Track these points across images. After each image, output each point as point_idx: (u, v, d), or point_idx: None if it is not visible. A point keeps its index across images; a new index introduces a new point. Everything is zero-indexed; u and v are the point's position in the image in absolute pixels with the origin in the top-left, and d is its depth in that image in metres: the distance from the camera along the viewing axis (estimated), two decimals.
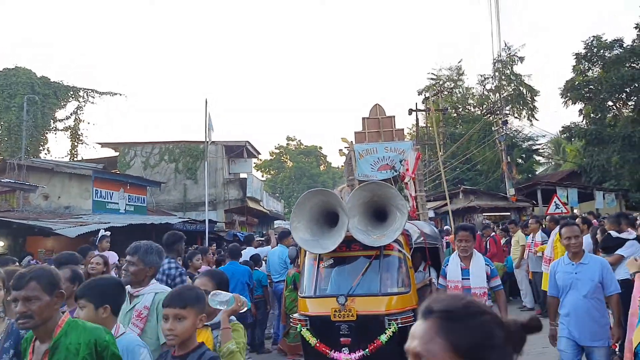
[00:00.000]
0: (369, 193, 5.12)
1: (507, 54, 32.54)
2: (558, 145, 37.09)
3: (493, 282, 4.97)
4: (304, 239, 5.13)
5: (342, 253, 5.21)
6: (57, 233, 11.79)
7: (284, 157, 57.87)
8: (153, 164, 23.94)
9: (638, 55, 24.37)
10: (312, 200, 5.14)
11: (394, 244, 5.05)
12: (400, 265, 5.10)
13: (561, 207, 16.33)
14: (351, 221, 4.97)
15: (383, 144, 13.93)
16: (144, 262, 3.48)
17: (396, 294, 4.93)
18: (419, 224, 6.31)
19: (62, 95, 25.80)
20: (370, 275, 4.99)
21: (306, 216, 5.15)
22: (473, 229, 5.22)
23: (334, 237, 4.97)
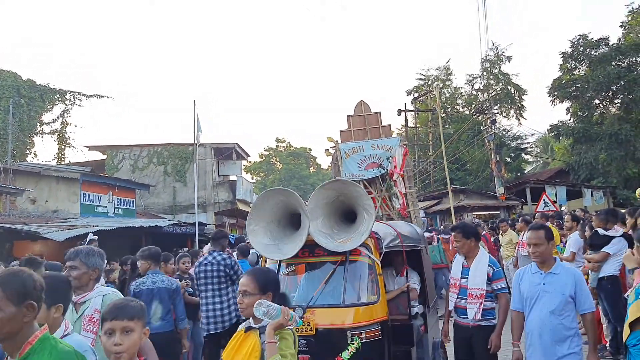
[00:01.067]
0: (334, 192, 4.69)
1: (495, 53, 32.74)
2: (546, 144, 37.38)
3: (495, 284, 4.75)
4: (262, 243, 4.67)
5: (305, 259, 4.74)
6: (45, 237, 11.66)
7: (273, 159, 57.79)
8: (141, 166, 23.78)
9: (624, 54, 24.61)
10: (272, 201, 4.71)
11: (361, 249, 4.58)
12: (367, 272, 4.60)
13: (550, 205, 16.47)
14: (313, 224, 4.55)
15: (369, 141, 13.59)
16: (86, 264, 3.34)
17: (362, 304, 4.41)
18: (397, 225, 5.85)
19: (49, 98, 25.53)
20: (334, 284, 4.49)
21: (265, 218, 4.72)
22: (464, 228, 5.01)
23: (295, 242, 4.54)
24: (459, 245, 4.89)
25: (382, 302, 4.47)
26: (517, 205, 23.17)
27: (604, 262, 6.45)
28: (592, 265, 6.54)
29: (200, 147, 22.66)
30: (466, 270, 4.83)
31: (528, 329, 3.95)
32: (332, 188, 4.69)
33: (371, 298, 4.50)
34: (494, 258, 5.03)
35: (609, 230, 6.55)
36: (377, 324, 4.31)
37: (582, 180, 24.64)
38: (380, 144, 13.48)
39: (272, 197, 4.71)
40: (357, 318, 4.30)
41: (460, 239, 4.86)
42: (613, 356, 6.48)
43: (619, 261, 6.41)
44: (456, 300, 4.82)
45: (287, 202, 4.66)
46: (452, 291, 4.91)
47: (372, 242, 4.66)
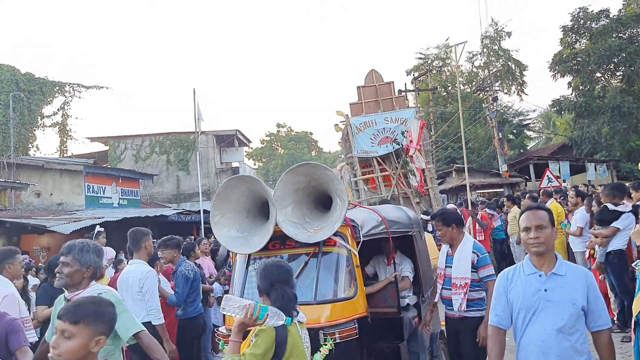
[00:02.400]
0: (304, 177, 4.27)
1: (495, 29, 32.44)
2: (548, 119, 37.17)
3: (482, 271, 4.46)
4: (229, 236, 4.27)
5: (276, 252, 4.31)
6: (52, 230, 11.72)
7: (275, 144, 57.65)
8: (144, 156, 23.81)
9: (624, 25, 24.37)
10: (237, 190, 4.32)
11: (336, 239, 4.15)
12: (342, 264, 4.19)
13: (554, 180, 16.44)
14: (282, 212, 4.17)
15: (382, 114, 12.62)
16: (79, 261, 3.15)
17: (336, 300, 4.02)
18: (383, 209, 5.41)
19: (48, 91, 25.47)
20: (305, 279, 4.10)
21: (232, 208, 4.33)
22: (443, 215, 4.74)
23: (263, 233, 4.17)
24: (440, 234, 4.68)
25: (359, 296, 4.09)
26: (520, 182, 23.14)
27: (612, 238, 6.45)
28: (601, 240, 6.53)
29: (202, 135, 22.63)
30: (450, 259, 4.60)
31: (522, 354, 2.80)
32: (301, 172, 4.29)
33: (347, 293, 4.12)
34: (479, 243, 4.79)
35: (618, 205, 6.54)
36: (353, 321, 3.93)
37: (585, 154, 24.56)
38: (394, 116, 12.48)
39: (236, 185, 4.31)
40: (330, 316, 3.91)
41: (441, 227, 4.64)
42: (621, 330, 6.51)
43: (626, 236, 6.42)
44: (441, 291, 4.63)
45: (255, 190, 4.28)
46: (438, 282, 4.70)
47: (349, 230, 4.24)
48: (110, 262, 8.39)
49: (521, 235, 2.85)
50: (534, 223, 2.78)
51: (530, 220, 2.81)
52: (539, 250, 2.77)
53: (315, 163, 4.40)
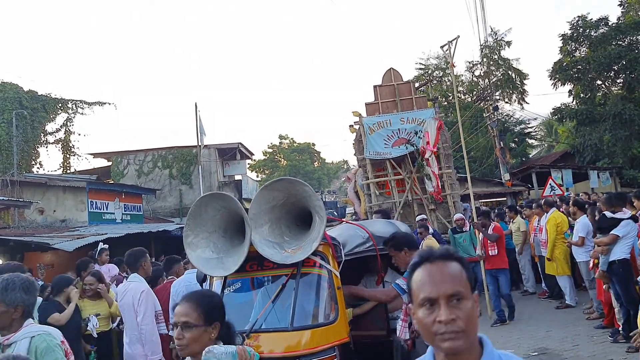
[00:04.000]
0: (281, 193, 4.01)
1: (494, 39, 32.56)
2: (550, 127, 37.17)
3: None
4: (202, 257, 4.00)
5: (253, 273, 4.06)
6: (55, 247, 11.73)
7: (277, 156, 57.75)
8: (147, 171, 23.88)
9: (624, 33, 24.41)
10: (211, 208, 4.04)
11: (315, 259, 3.88)
12: (322, 286, 3.91)
13: (556, 188, 16.42)
14: (258, 231, 3.93)
15: (398, 114, 11.84)
16: (4, 302, 2.80)
17: (314, 326, 3.73)
18: (372, 224, 5.12)
19: (51, 108, 25.61)
20: (282, 303, 3.82)
21: (207, 228, 4.08)
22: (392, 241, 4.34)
23: (238, 254, 3.91)
24: (395, 261, 4.36)
25: (341, 321, 3.80)
26: (523, 190, 23.08)
27: (614, 245, 6.45)
28: (602, 248, 6.53)
29: (204, 148, 22.74)
30: None
31: None
32: (277, 188, 4.03)
33: (327, 317, 3.83)
34: None
35: (617, 212, 6.55)
36: (333, 348, 3.67)
37: (587, 162, 24.52)
38: (411, 117, 11.65)
39: (210, 203, 4.04)
40: (308, 343, 3.63)
41: (393, 252, 4.31)
42: (627, 340, 6.48)
43: (629, 244, 6.41)
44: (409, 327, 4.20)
45: (230, 208, 4.02)
46: (404, 320, 4.23)
47: (329, 249, 3.98)
48: (114, 279, 8.39)
49: (418, 314, 1.49)
50: (442, 292, 1.46)
51: (437, 284, 1.47)
52: (456, 346, 1.44)
53: (292, 178, 4.16)
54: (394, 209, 11.68)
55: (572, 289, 9.23)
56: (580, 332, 7.54)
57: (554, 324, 8.18)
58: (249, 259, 3.91)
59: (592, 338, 7.16)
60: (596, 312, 8.02)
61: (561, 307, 9.17)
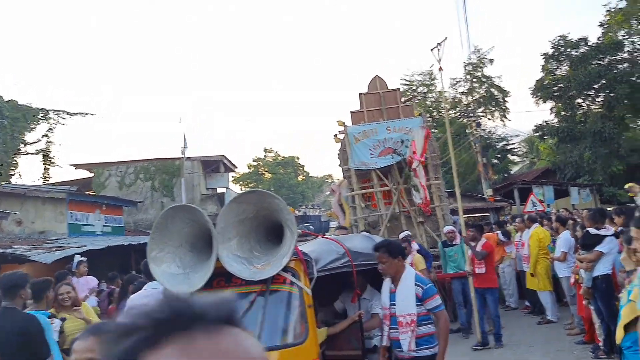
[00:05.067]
0: (251, 206, 3.84)
1: (477, 56, 33.00)
2: (531, 144, 37.64)
3: (429, 303, 4.11)
4: (167, 272, 3.82)
5: (221, 290, 3.84)
6: (32, 260, 11.48)
7: (261, 169, 57.57)
8: (129, 183, 23.62)
9: (603, 53, 24.93)
10: (178, 220, 3.88)
11: (286, 275, 3.72)
12: (292, 304, 3.74)
13: (538, 204, 16.57)
14: (226, 246, 3.75)
15: (384, 123, 11.43)
16: None
17: (282, 347, 3.57)
18: (348, 239, 4.95)
19: (32, 118, 25.26)
20: (249, 322, 3.61)
21: (173, 242, 3.90)
22: (389, 246, 4.28)
23: (205, 270, 3.75)
24: (385, 267, 4.20)
25: (310, 341, 3.62)
26: (505, 206, 23.26)
27: (597, 261, 6.49)
28: (586, 264, 6.57)
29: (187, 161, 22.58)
30: (393, 296, 4.20)
31: None
32: (247, 201, 3.87)
33: (296, 337, 3.66)
34: (421, 275, 4.46)
35: (600, 229, 6.60)
36: None
37: (568, 178, 24.83)
38: (398, 125, 11.27)
39: (176, 215, 3.88)
40: None
41: (386, 258, 4.18)
42: (607, 355, 6.51)
43: (611, 259, 6.46)
44: (389, 332, 4.21)
45: (198, 221, 3.86)
46: (385, 322, 4.27)
47: (301, 265, 3.81)
48: (92, 292, 8.23)
49: None
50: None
51: None
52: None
53: (262, 190, 4.03)
54: (380, 222, 11.23)
55: (554, 305, 9.27)
56: (561, 347, 7.56)
57: (536, 339, 8.19)
58: (216, 275, 3.74)
59: (573, 353, 7.18)
60: (577, 327, 8.06)
61: (543, 323, 9.20)
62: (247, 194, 3.99)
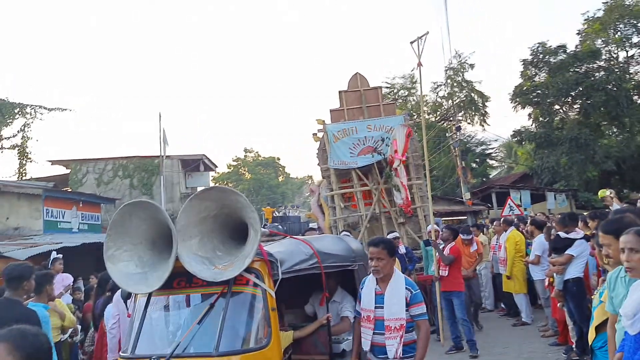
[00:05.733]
0: (214, 204, 3.68)
1: (458, 61, 33.36)
2: (510, 149, 38.19)
3: (414, 309, 3.92)
4: (125, 272, 3.66)
5: (181, 291, 3.71)
6: (6, 256, 11.29)
7: (242, 169, 57.40)
8: (107, 180, 23.34)
9: (581, 61, 25.39)
10: (136, 217, 3.71)
11: (249, 276, 3.52)
12: (254, 307, 3.56)
13: (515, 209, 16.80)
14: (186, 245, 3.58)
15: (365, 121, 11.20)
16: None
17: (243, 352, 3.38)
18: (318, 240, 4.76)
19: (8, 113, 24.83)
20: (209, 325, 3.45)
21: (131, 239, 3.74)
22: (389, 244, 4.09)
23: (164, 269, 3.57)
24: (380, 265, 3.93)
25: (273, 346, 3.46)
26: (483, 209, 23.54)
27: (569, 265, 6.62)
28: (557, 267, 6.70)
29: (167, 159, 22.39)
30: (380, 298, 3.95)
31: None
32: (209, 198, 3.68)
33: (258, 342, 3.48)
34: (409, 278, 4.26)
35: (570, 232, 6.73)
36: None
37: (545, 183, 25.23)
38: (378, 124, 11.06)
39: (134, 212, 3.71)
40: None
41: (384, 256, 3.94)
42: (579, 357, 6.63)
43: (582, 263, 6.60)
44: (372, 337, 3.92)
45: (157, 218, 3.70)
46: (366, 326, 3.98)
47: (265, 266, 3.61)
48: (67, 289, 8.12)
49: None
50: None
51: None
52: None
53: (224, 187, 3.79)
54: (360, 222, 11.04)
55: (528, 307, 9.42)
56: (535, 348, 7.68)
57: (511, 341, 8.30)
58: (177, 275, 3.57)
59: (546, 355, 7.30)
60: (551, 329, 8.20)
61: (517, 325, 9.34)
62: (208, 190, 3.73)
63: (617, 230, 3.13)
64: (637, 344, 2.70)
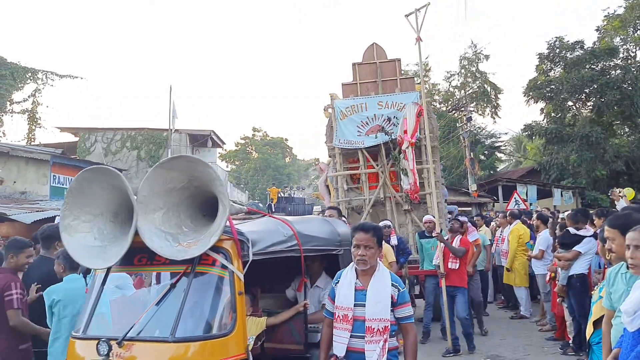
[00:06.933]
0: (182, 175, 3.34)
1: (474, 51, 33.02)
2: (519, 143, 37.96)
3: (401, 310, 3.34)
4: (82, 244, 3.35)
5: (141, 268, 3.42)
6: (12, 219, 11.38)
7: (249, 147, 57.36)
8: (114, 150, 23.47)
9: (598, 58, 25.05)
10: (95, 185, 3.40)
11: (217, 257, 3.20)
12: (220, 289, 3.23)
13: (521, 203, 16.77)
14: (148, 218, 3.25)
15: (376, 97, 10.09)
16: None
17: (203, 338, 3.07)
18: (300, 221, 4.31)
19: (20, 77, 24.86)
20: (168, 307, 3.15)
21: (91, 208, 3.42)
22: (379, 232, 3.47)
23: (123, 243, 3.25)
24: (368, 255, 3.34)
25: (237, 333, 3.12)
26: (488, 202, 23.50)
27: (574, 260, 6.59)
28: (563, 263, 6.67)
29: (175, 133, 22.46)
30: (361, 294, 3.32)
31: None
32: (176, 168, 3.33)
33: (221, 328, 3.16)
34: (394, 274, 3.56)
35: (580, 229, 6.70)
36: None
37: (552, 180, 25.10)
38: (390, 100, 9.92)
39: (95, 179, 3.39)
40: (191, 358, 3.00)
41: (374, 244, 3.35)
42: (576, 353, 6.65)
43: (588, 260, 6.58)
44: (349, 341, 3.29)
45: (119, 187, 3.38)
46: (341, 327, 3.33)
47: (234, 246, 3.25)
48: None
49: None
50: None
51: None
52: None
53: (192, 156, 3.43)
54: (364, 206, 10.25)
55: (528, 301, 9.43)
56: (532, 342, 7.70)
57: (508, 333, 8.33)
58: (138, 251, 3.26)
59: (543, 349, 7.32)
60: (549, 324, 8.20)
61: (516, 317, 9.36)
62: (175, 159, 3.38)
63: (623, 226, 3.11)
64: (634, 341, 2.70)
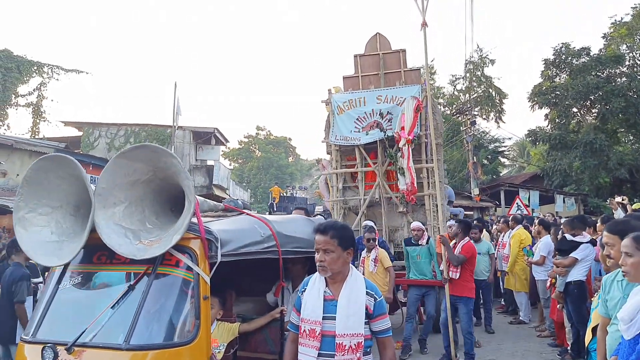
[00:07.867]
0: (146, 166, 3.07)
1: (479, 55, 32.98)
2: (523, 148, 37.92)
3: (378, 323, 2.80)
4: (37, 240, 3.09)
5: (100, 266, 3.14)
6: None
7: (252, 146, 57.45)
8: (118, 145, 23.50)
9: (603, 65, 25.02)
10: (52, 175, 3.14)
11: (181, 257, 2.93)
12: (183, 293, 2.96)
13: (523, 208, 16.76)
14: (107, 213, 3.00)
15: (375, 91, 9.46)
16: None
17: (159, 347, 2.77)
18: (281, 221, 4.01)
19: (25, 70, 24.94)
20: (124, 311, 2.86)
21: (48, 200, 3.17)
22: (340, 231, 2.83)
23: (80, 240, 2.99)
24: (328, 260, 2.76)
25: (201, 341, 2.84)
26: (490, 206, 23.45)
27: (572, 267, 6.59)
28: (560, 269, 6.67)
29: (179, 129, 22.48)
30: (331, 306, 2.77)
31: None
32: (139, 158, 3.04)
33: (182, 336, 2.87)
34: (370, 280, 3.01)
35: (577, 236, 6.69)
36: None
37: (555, 186, 25.05)
38: (390, 94, 9.26)
39: (52, 168, 3.14)
40: None
41: (334, 247, 2.77)
42: (574, 359, 6.64)
43: (586, 266, 6.56)
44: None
45: (77, 177, 3.13)
46: (307, 344, 2.76)
47: (201, 246, 2.98)
48: None
49: None
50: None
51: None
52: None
53: (156, 146, 3.09)
54: (359, 206, 9.76)
55: (528, 306, 9.41)
56: (530, 347, 7.69)
57: (506, 338, 8.32)
58: (98, 248, 3.02)
59: (541, 355, 7.31)
60: (548, 330, 8.19)
61: (514, 322, 9.35)
62: (137, 148, 3.06)
63: (622, 232, 3.13)
64: (631, 349, 2.70)
